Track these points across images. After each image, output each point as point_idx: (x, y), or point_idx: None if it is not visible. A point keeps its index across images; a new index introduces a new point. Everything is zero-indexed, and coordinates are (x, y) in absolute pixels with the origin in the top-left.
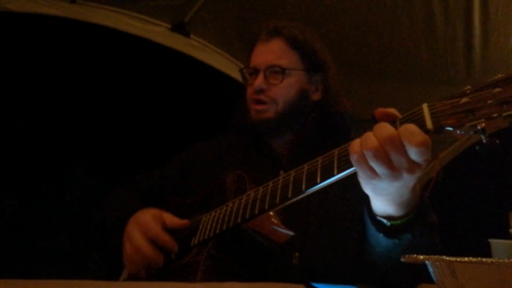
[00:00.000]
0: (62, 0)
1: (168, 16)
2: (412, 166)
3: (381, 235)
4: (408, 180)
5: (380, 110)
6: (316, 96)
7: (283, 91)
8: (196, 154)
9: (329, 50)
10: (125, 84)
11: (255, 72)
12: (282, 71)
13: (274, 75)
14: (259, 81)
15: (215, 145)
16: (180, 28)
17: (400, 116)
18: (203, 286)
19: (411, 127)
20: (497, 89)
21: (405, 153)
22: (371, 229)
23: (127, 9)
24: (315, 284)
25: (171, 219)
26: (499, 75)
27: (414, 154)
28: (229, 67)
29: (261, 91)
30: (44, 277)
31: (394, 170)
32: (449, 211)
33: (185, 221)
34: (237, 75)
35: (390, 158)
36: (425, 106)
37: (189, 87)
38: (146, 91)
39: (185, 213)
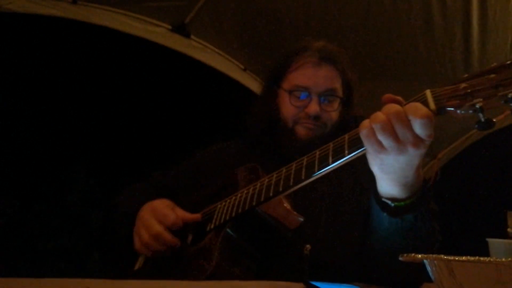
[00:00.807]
0: (63, 1)
1: (169, 17)
2: (417, 140)
3: (384, 214)
4: (413, 156)
5: (388, 96)
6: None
7: (334, 117)
8: (209, 155)
9: None
10: (125, 85)
11: (306, 94)
12: (337, 99)
13: (328, 101)
14: (316, 108)
15: (227, 147)
16: (180, 29)
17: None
18: (209, 284)
19: (416, 103)
20: (492, 75)
21: (410, 127)
22: (376, 209)
23: (128, 10)
24: (314, 283)
25: (183, 213)
26: (494, 64)
27: (418, 127)
28: (229, 68)
29: (317, 117)
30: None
31: (399, 143)
32: (447, 210)
33: (197, 215)
34: (236, 76)
35: (396, 131)
36: (428, 91)
37: (189, 87)
38: (146, 92)
39: (199, 205)
